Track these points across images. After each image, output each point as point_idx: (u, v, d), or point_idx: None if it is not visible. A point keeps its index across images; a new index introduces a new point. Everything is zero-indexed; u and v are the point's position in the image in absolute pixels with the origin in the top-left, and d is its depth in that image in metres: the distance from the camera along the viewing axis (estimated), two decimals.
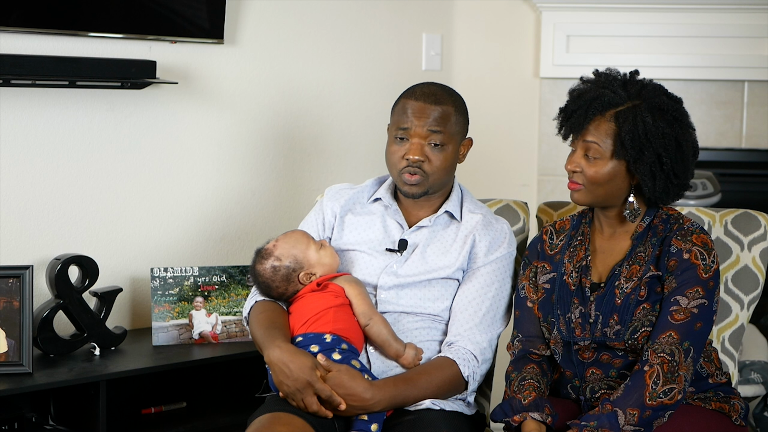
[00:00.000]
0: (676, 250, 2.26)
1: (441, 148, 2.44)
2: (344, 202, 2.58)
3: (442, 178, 2.48)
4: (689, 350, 2.20)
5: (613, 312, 2.27)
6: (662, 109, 2.26)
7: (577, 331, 2.31)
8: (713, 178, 3.59)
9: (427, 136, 2.43)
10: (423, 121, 2.43)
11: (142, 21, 3.03)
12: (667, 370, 2.17)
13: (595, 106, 2.27)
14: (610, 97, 2.27)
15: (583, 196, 2.32)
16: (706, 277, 2.23)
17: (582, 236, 2.40)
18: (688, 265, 2.24)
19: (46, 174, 2.93)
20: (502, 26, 3.96)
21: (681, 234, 2.27)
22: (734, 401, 2.32)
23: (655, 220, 2.32)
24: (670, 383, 2.17)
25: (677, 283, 2.23)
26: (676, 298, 2.22)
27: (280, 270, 2.44)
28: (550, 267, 2.41)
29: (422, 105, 2.44)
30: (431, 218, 2.51)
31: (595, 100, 2.28)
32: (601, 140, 2.26)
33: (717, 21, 3.79)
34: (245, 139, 3.32)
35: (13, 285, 2.65)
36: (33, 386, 2.56)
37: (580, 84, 2.37)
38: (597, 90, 2.30)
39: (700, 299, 2.21)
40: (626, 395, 2.18)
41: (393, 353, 2.38)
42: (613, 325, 2.26)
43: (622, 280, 2.28)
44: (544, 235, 2.46)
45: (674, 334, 2.19)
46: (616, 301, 2.27)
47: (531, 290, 2.43)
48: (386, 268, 2.47)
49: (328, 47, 3.53)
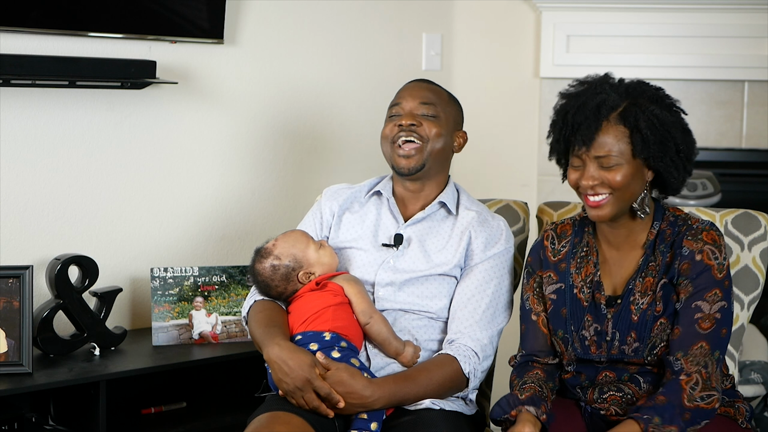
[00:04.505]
0: (688, 252, 2.21)
1: (434, 119, 2.48)
2: (342, 201, 2.58)
3: (437, 154, 2.48)
4: (719, 360, 2.17)
5: (631, 329, 2.22)
6: (658, 98, 2.24)
7: (592, 348, 2.26)
8: (713, 178, 3.59)
9: (418, 107, 2.49)
10: (414, 95, 2.50)
11: (142, 21, 3.03)
12: (705, 377, 2.14)
13: (602, 113, 2.20)
14: (613, 100, 2.21)
15: (609, 209, 2.22)
16: (721, 276, 2.19)
17: (588, 247, 2.34)
18: (702, 267, 2.19)
19: (46, 174, 2.93)
20: (502, 26, 3.96)
21: (691, 234, 2.23)
22: (738, 404, 2.30)
23: (663, 224, 2.28)
24: (708, 390, 2.13)
25: (694, 287, 2.19)
26: (697, 304, 2.18)
27: (279, 269, 2.44)
28: (557, 276, 2.35)
29: (414, 84, 2.55)
30: (426, 210, 2.51)
31: (600, 106, 2.20)
32: (615, 145, 2.19)
33: (717, 21, 3.79)
34: (245, 139, 3.32)
35: (13, 285, 2.65)
36: (33, 386, 2.56)
37: (564, 99, 2.29)
38: (594, 97, 2.22)
39: (719, 302, 2.18)
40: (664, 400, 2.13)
41: (392, 352, 2.39)
42: (631, 343, 2.22)
43: (637, 295, 2.24)
44: (545, 240, 2.40)
45: (705, 345, 2.15)
46: (633, 317, 2.22)
47: (536, 301, 2.37)
48: (383, 264, 2.47)
49: (327, 47, 3.53)
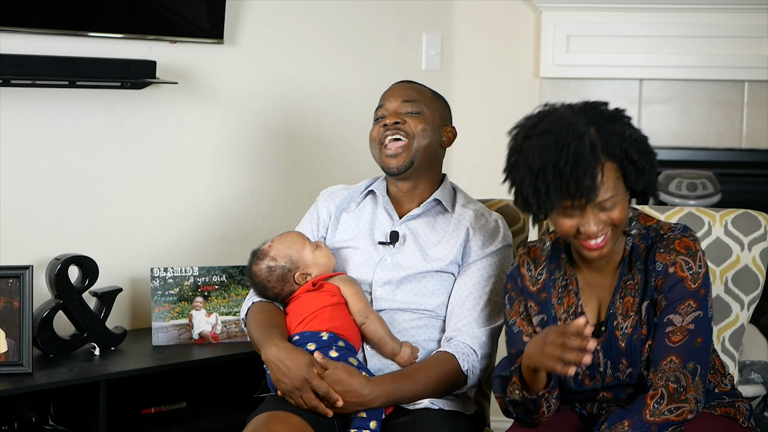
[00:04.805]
0: (662, 267, 2.10)
1: (418, 115, 2.49)
2: (339, 202, 2.58)
3: (425, 150, 2.48)
4: (695, 370, 2.07)
5: (621, 356, 2.14)
6: (617, 116, 2.09)
7: (586, 381, 2.17)
8: (713, 178, 3.59)
9: (401, 106, 2.50)
10: (396, 95, 2.52)
11: (142, 21, 3.03)
12: (673, 391, 2.05)
13: (597, 156, 2.01)
14: (591, 135, 2.01)
15: (609, 245, 2.10)
16: (695, 287, 2.09)
17: (566, 276, 2.21)
18: (675, 280, 2.09)
19: (46, 174, 2.93)
20: (502, 26, 3.96)
21: (663, 245, 2.12)
22: (739, 404, 2.27)
23: (636, 239, 2.16)
24: (677, 402, 2.05)
25: (667, 301, 2.10)
26: (669, 318, 2.09)
27: (275, 270, 2.44)
28: (538, 307, 2.23)
29: (396, 86, 2.58)
30: (421, 207, 2.51)
31: (593, 149, 2.00)
32: (613, 185, 2.05)
33: (717, 21, 3.79)
34: (245, 139, 3.32)
35: (13, 285, 2.65)
36: (33, 386, 2.56)
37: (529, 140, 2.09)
38: (571, 136, 2.00)
39: (693, 312, 2.08)
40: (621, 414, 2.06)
41: (389, 352, 2.38)
42: (624, 369, 2.14)
43: (619, 318, 2.14)
44: (521, 268, 2.27)
45: (675, 359, 2.07)
46: (620, 344, 2.13)
47: (525, 323, 2.23)
48: (380, 263, 2.47)
49: (328, 47, 3.53)
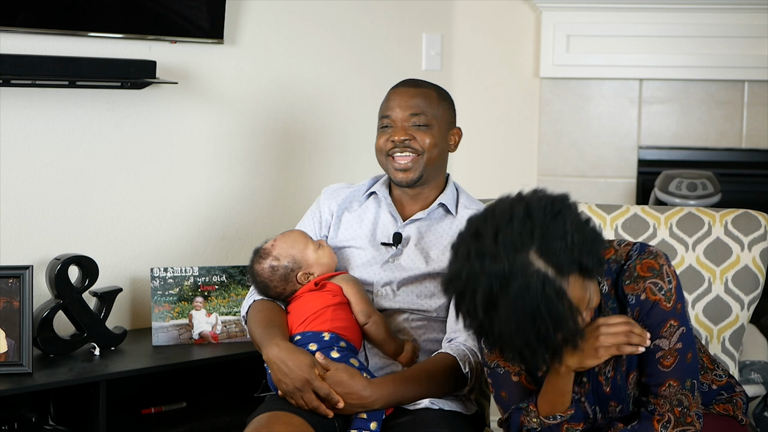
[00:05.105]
0: (634, 300, 2.04)
1: (426, 128, 2.46)
2: (341, 200, 2.58)
3: (434, 161, 2.47)
4: (693, 385, 2.06)
5: (608, 401, 2.10)
6: (553, 212, 1.88)
7: (580, 425, 2.12)
8: (713, 178, 3.59)
9: (409, 118, 2.46)
10: (404, 104, 2.46)
11: (142, 21, 3.03)
12: (679, 415, 2.04)
13: (560, 294, 1.85)
14: (549, 282, 1.85)
15: None
16: (671, 306, 2.03)
17: None
18: (649, 306, 2.03)
19: (46, 174, 2.93)
20: (502, 26, 3.96)
21: (627, 276, 2.05)
22: (736, 399, 2.27)
23: (608, 280, 2.07)
24: (683, 426, 2.04)
25: (649, 328, 2.04)
26: (656, 343, 2.04)
27: (278, 270, 2.43)
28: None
29: (402, 90, 2.50)
30: (425, 211, 2.51)
31: (557, 299, 1.84)
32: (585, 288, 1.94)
33: (717, 21, 3.79)
34: (245, 139, 3.32)
35: (13, 285, 2.65)
36: (33, 386, 2.56)
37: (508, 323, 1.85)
38: (536, 299, 1.83)
39: (677, 331, 2.04)
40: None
41: (391, 352, 2.38)
42: (614, 410, 2.11)
43: (600, 364, 2.09)
44: None
45: (673, 382, 2.04)
46: (605, 390, 2.10)
47: (509, 363, 2.13)
48: (382, 263, 2.47)
49: (328, 47, 3.53)
